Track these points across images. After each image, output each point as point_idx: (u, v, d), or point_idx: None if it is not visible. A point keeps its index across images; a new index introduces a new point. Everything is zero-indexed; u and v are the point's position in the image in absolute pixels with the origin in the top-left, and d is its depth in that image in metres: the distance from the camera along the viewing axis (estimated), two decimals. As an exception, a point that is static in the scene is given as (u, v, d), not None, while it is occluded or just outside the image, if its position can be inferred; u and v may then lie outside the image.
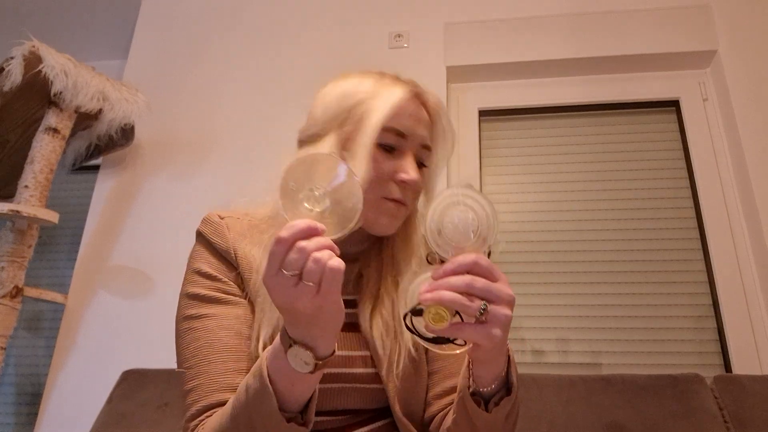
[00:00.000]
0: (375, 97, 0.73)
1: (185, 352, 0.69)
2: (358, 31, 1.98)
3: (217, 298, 0.72)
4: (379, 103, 0.72)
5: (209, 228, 0.77)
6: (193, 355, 0.68)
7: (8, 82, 1.50)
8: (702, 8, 1.80)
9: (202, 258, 0.75)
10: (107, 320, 1.70)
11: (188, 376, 0.68)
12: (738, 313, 1.54)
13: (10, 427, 1.89)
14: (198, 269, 0.74)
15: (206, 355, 0.68)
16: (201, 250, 0.76)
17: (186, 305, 0.72)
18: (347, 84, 0.78)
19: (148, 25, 2.16)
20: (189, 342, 0.69)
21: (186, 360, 0.69)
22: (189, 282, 0.74)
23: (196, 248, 0.77)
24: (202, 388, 0.66)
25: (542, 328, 1.63)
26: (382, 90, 0.75)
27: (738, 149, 1.65)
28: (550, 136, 1.86)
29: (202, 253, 0.76)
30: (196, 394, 0.66)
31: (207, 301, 0.71)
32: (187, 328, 0.71)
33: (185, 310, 0.72)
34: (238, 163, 1.86)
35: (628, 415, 1.19)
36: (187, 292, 0.73)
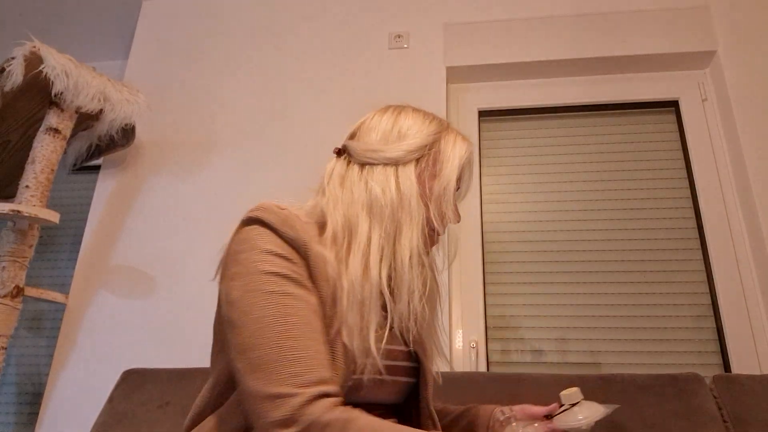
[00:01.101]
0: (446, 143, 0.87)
1: (273, 326, 0.66)
2: (358, 32, 1.98)
3: (300, 281, 0.70)
4: (450, 152, 0.86)
5: (274, 217, 0.74)
6: (289, 329, 0.66)
7: (9, 82, 1.50)
8: (701, 9, 1.81)
9: (272, 242, 0.72)
10: (108, 320, 1.71)
11: (284, 347, 0.64)
12: (737, 312, 1.55)
13: (11, 427, 1.89)
14: (270, 250, 0.71)
15: (304, 333, 0.66)
16: (268, 234, 0.73)
17: (265, 281, 0.69)
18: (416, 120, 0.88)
19: (149, 26, 2.16)
20: (277, 316, 0.66)
21: (278, 332, 0.65)
22: (261, 261, 0.70)
23: (259, 231, 0.73)
24: (309, 360, 0.64)
25: (542, 328, 1.64)
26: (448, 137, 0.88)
27: (737, 149, 1.65)
28: (549, 137, 1.86)
29: (270, 237, 0.73)
30: (302, 364, 0.64)
31: (291, 280, 0.70)
32: (273, 302, 0.67)
33: (265, 286, 0.68)
34: (239, 163, 1.86)
35: (628, 414, 1.19)
36: (263, 269, 0.69)
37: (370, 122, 0.90)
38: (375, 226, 0.78)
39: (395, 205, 0.79)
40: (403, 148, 0.84)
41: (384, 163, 0.83)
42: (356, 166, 0.84)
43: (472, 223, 1.75)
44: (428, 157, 0.85)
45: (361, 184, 0.81)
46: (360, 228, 0.77)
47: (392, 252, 0.77)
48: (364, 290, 0.73)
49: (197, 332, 1.64)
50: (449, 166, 0.85)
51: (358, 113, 2.00)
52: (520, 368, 1.60)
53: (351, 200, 0.80)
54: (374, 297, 0.73)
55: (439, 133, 0.87)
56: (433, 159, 0.85)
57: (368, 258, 0.75)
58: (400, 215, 0.79)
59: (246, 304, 0.68)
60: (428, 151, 0.85)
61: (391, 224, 0.78)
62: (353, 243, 0.76)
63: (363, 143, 0.86)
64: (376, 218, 0.78)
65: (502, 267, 1.72)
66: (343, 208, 0.79)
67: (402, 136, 0.86)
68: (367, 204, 0.79)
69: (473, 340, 1.62)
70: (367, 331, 0.71)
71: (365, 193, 0.80)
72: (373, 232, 0.77)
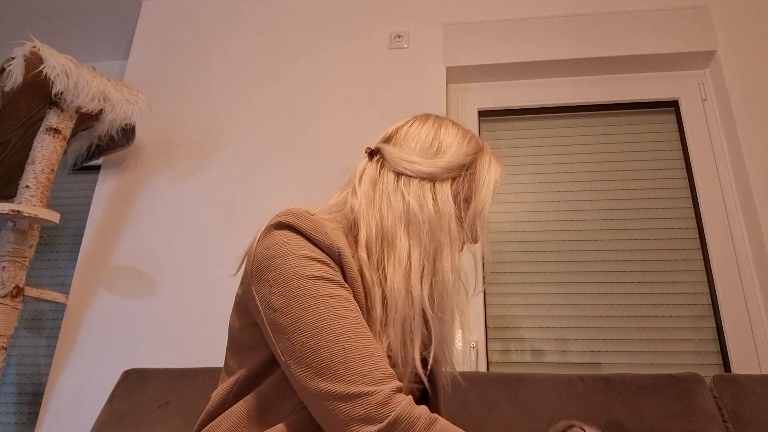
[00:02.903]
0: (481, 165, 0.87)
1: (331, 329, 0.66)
2: (358, 32, 1.98)
3: (341, 283, 0.70)
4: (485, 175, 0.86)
5: (306, 223, 0.72)
6: (347, 330, 0.66)
7: (9, 82, 1.50)
8: (701, 9, 1.81)
9: (306, 247, 0.71)
10: (108, 320, 1.71)
11: (348, 348, 0.65)
12: (737, 312, 1.55)
13: (11, 427, 1.89)
14: (306, 255, 0.70)
15: (361, 332, 0.67)
16: (300, 240, 0.71)
17: (308, 285, 0.68)
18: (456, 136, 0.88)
19: (149, 26, 2.17)
20: (333, 319, 0.66)
21: (336, 335, 0.65)
22: (300, 266, 0.69)
23: (292, 237, 0.72)
24: (374, 358, 0.65)
25: (541, 328, 1.64)
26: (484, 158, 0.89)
27: (737, 149, 1.65)
28: (549, 137, 1.86)
29: (304, 243, 0.71)
30: (370, 363, 0.65)
31: (334, 283, 0.69)
32: (324, 305, 0.67)
33: (311, 290, 0.68)
34: (239, 164, 1.86)
35: (627, 414, 1.20)
36: (305, 274, 0.68)
37: (409, 129, 0.87)
38: (414, 242, 0.77)
39: (434, 223, 0.78)
40: (441, 165, 0.82)
41: (421, 176, 0.81)
42: (391, 174, 0.82)
43: (472, 223, 1.75)
44: (464, 177, 0.84)
45: (397, 194, 0.79)
46: (399, 242, 0.76)
47: (432, 272, 0.77)
48: (407, 307, 0.73)
49: (197, 332, 1.64)
50: (485, 189, 0.85)
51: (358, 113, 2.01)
52: (520, 368, 1.60)
53: (387, 208, 0.79)
54: (418, 315, 0.74)
55: (477, 154, 0.88)
56: (469, 180, 0.85)
57: (410, 274, 0.75)
58: (439, 234, 0.78)
59: (296, 309, 0.67)
60: (465, 172, 0.85)
61: (430, 243, 0.77)
62: (391, 255, 0.76)
63: (399, 150, 0.84)
64: (414, 234, 0.77)
65: (502, 267, 1.72)
66: (378, 215, 0.78)
67: (441, 151, 0.84)
68: (405, 218, 0.78)
69: (473, 340, 1.62)
70: (412, 346, 0.72)
71: (402, 205, 0.78)
72: (413, 249, 0.76)
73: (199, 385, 1.37)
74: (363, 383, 0.63)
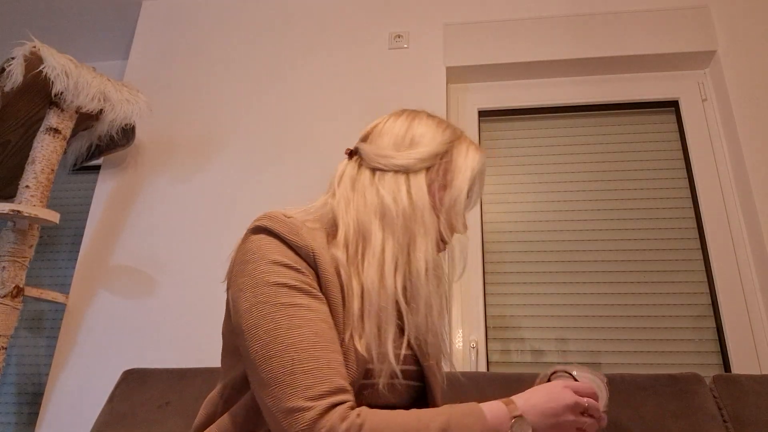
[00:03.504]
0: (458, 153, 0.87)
1: (284, 338, 0.66)
2: (358, 32, 1.98)
3: (308, 291, 0.70)
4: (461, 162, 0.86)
5: (281, 226, 0.73)
6: (299, 340, 0.65)
7: (9, 82, 1.50)
8: (701, 9, 1.81)
9: (279, 251, 0.71)
10: (108, 320, 1.71)
11: (296, 360, 0.64)
12: (737, 312, 1.55)
13: (12, 427, 1.89)
14: (277, 260, 0.70)
15: (316, 343, 0.66)
16: (275, 244, 0.72)
17: (273, 293, 0.68)
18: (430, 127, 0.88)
19: (149, 26, 2.17)
20: (288, 329, 0.66)
21: (290, 345, 0.65)
22: (268, 272, 0.70)
23: (266, 241, 0.73)
24: (322, 371, 0.64)
25: (541, 328, 1.64)
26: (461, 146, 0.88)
27: (737, 149, 1.65)
28: (549, 137, 1.86)
29: (277, 247, 0.72)
30: (314, 376, 0.64)
31: (298, 291, 0.69)
32: (282, 314, 0.67)
33: (273, 298, 0.68)
34: (239, 164, 1.86)
35: (627, 414, 1.19)
36: (271, 281, 0.69)
37: (383, 126, 0.89)
38: (388, 235, 0.78)
39: (408, 215, 0.79)
40: (414, 156, 0.83)
41: (395, 170, 0.83)
42: (367, 171, 0.84)
43: (472, 223, 1.75)
44: (439, 166, 0.84)
45: (372, 189, 0.81)
46: (373, 236, 0.77)
47: (407, 263, 0.77)
48: (381, 299, 0.73)
49: (197, 332, 1.64)
50: (461, 177, 0.84)
51: (358, 113, 2.01)
52: (520, 368, 1.60)
53: (363, 205, 0.80)
54: (391, 307, 0.74)
55: (452, 142, 0.87)
56: (444, 169, 0.85)
57: (383, 267, 0.75)
58: (413, 226, 0.79)
59: (256, 316, 0.68)
60: (439, 161, 0.84)
61: (404, 235, 0.78)
62: (367, 250, 0.77)
63: (375, 147, 0.86)
64: (388, 227, 0.78)
65: (502, 267, 1.72)
66: (355, 213, 0.80)
67: (414, 143, 0.85)
68: (380, 212, 0.79)
69: (473, 340, 1.62)
70: (386, 339, 0.72)
71: (376, 199, 0.80)
72: (386, 242, 0.77)
73: (199, 385, 1.37)
74: (302, 397, 0.62)
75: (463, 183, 0.84)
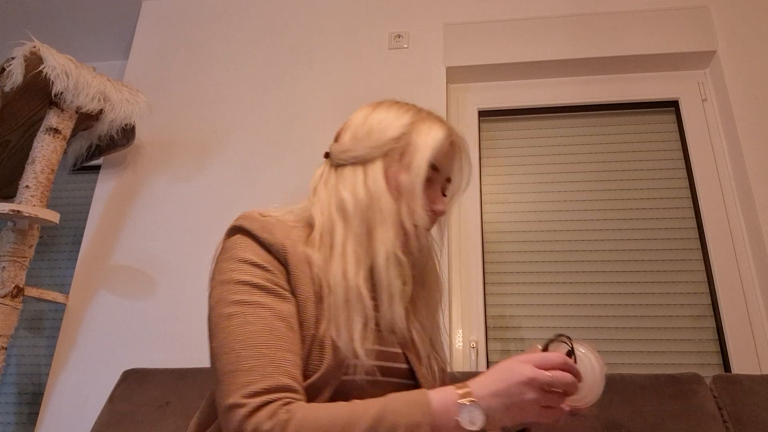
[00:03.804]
0: (417, 133, 0.82)
1: (235, 335, 0.66)
2: (358, 32, 1.98)
3: (270, 289, 0.71)
4: (422, 139, 0.82)
5: (254, 224, 0.75)
6: (248, 337, 0.66)
7: (9, 82, 1.50)
8: (700, 9, 1.81)
9: (249, 249, 0.73)
10: (108, 320, 1.71)
11: (242, 356, 0.65)
12: (737, 312, 1.55)
13: (11, 427, 1.89)
14: (245, 258, 0.72)
15: (265, 340, 0.66)
16: (247, 242, 0.74)
17: (234, 290, 0.70)
18: (388, 114, 0.86)
19: (149, 26, 2.17)
20: (241, 325, 0.67)
21: (238, 341, 0.66)
22: (235, 270, 0.71)
23: (239, 240, 0.74)
24: (264, 368, 0.64)
25: (541, 328, 1.64)
26: (422, 125, 0.83)
27: (737, 149, 1.65)
28: (549, 137, 1.86)
29: (248, 245, 0.74)
30: (255, 373, 0.63)
31: (260, 289, 0.70)
32: (238, 311, 0.68)
33: (233, 295, 0.69)
34: (239, 164, 1.86)
35: (627, 414, 1.20)
36: (235, 278, 0.71)
37: (348, 122, 0.90)
38: (348, 229, 0.78)
39: (364, 207, 0.78)
40: (368, 145, 0.82)
41: (352, 162, 0.83)
42: (334, 169, 0.85)
43: (472, 223, 1.75)
44: (396, 151, 0.82)
45: (337, 187, 0.82)
46: (336, 233, 0.78)
47: (366, 254, 0.77)
48: (345, 293, 0.73)
49: (197, 332, 1.64)
50: (419, 156, 0.80)
51: (358, 113, 1.99)
52: (520, 368, 1.60)
53: (328, 203, 0.81)
54: (354, 300, 0.73)
55: (413, 123, 0.83)
56: (401, 152, 0.82)
57: (345, 262, 0.75)
58: (370, 216, 0.78)
59: (216, 314, 0.70)
60: (395, 145, 0.82)
61: (362, 226, 0.78)
62: (334, 246, 0.77)
63: (339, 144, 0.87)
64: (348, 222, 0.78)
65: (502, 267, 1.72)
66: (325, 211, 0.81)
67: (370, 132, 0.84)
68: (340, 207, 0.80)
69: (473, 340, 1.62)
70: (351, 332, 0.71)
71: (337, 196, 0.81)
72: (347, 237, 0.77)
73: (199, 385, 1.37)
74: (240, 395, 0.62)
75: (422, 162, 0.80)
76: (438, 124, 0.85)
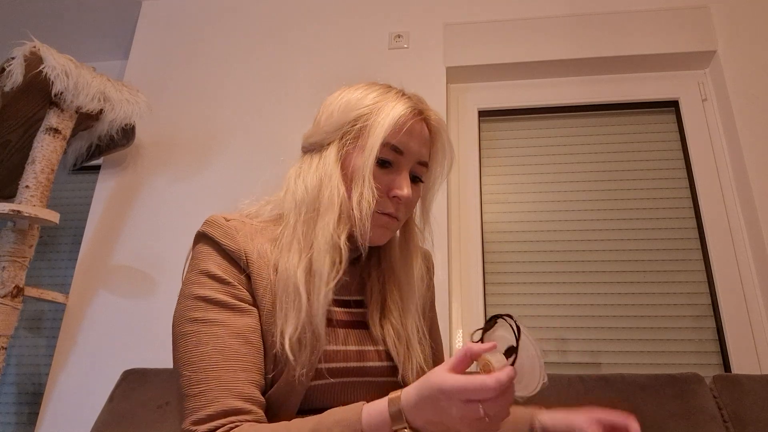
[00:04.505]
0: (377, 113, 0.75)
1: (188, 356, 0.66)
2: (358, 32, 1.98)
3: (227, 304, 0.69)
4: (380, 118, 0.74)
5: (217, 230, 0.73)
6: (200, 359, 0.65)
7: (9, 82, 1.50)
8: (700, 9, 1.81)
9: (210, 259, 0.72)
10: (108, 320, 1.71)
11: (194, 379, 0.64)
12: (737, 312, 1.55)
13: (12, 427, 1.89)
14: (206, 271, 0.71)
15: (216, 362, 0.65)
16: (209, 252, 0.72)
17: (192, 307, 0.69)
18: (352, 95, 0.80)
19: (149, 26, 2.17)
20: (194, 345, 0.66)
21: (190, 364, 0.66)
22: (195, 283, 0.70)
23: (202, 249, 0.73)
24: (212, 393, 0.63)
25: (541, 328, 1.64)
26: (384, 105, 0.76)
27: (737, 149, 1.65)
28: (549, 137, 1.86)
29: (210, 255, 0.72)
30: (204, 398, 0.63)
31: (216, 305, 0.68)
32: (193, 330, 0.67)
33: (190, 312, 0.68)
34: (239, 163, 1.86)
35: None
36: (194, 293, 0.69)
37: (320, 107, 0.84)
38: (298, 219, 0.74)
39: (312, 195, 0.73)
40: (324, 128, 0.77)
41: (309, 150, 0.80)
42: (300, 158, 0.82)
43: (472, 223, 1.75)
44: (352, 132, 0.75)
45: (294, 176, 0.79)
46: (288, 224, 0.74)
47: (308, 245, 0.71)
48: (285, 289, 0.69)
49: (197, 332, 1.64)
50: (374, 133, 0.72)
51: (358, 113, 1.98)
52: (520, 368, 1.60)
53: (286, 194, 0.78)
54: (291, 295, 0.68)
55: (375, 104, 0.76)
56: (356, 133, 0.75)
57: (289, 254, 0.71)
58: (316, 204, 0.73)
59: (175, 332, 0.70)
60: (351, 127, 0.75)
61: (308, 215, 0.73)
62: (284, 238, 0.74)
63: (307, 131, 0.83)
64: (299, 212, 0.74)
65: (502, 267, 1.72)
66: (286, 203, 0.78)
67: (331, 115, 0.78)
68: (293, 197, 0.76)
69: (473, 340, 1.62)
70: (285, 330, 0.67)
71: (291, 186, 0.78)
72: (295, 227, 0.73)
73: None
74: (189, 422, 0.63)
75: (375, 141, 0.72)
76: (402, 101, 0.76)
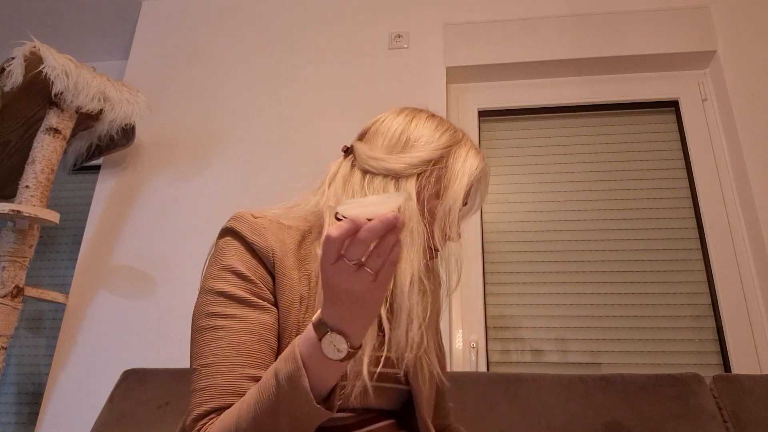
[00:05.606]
0: (454, 161, 0.80)
1: (203, 350, 0.67)
2: (358, 32, 1.98)
3: (248, 300, 0.69)
4: (461, 167, 0.80)
5: (245, 226, 0.73)
6: (212, 353, 0.66)
7: (9, 82, 1.50)
8: (701, 9, 1.81)
9: (237, 256, 0.72)
10: (108, 320, 1.71)
11: (202, 374, 0.65)
12: (737, 312, 1.55)
13: (12, 427, 1.89)
14: (230, 266, 0.71)
15: (227, 357, 0.66)
16: (234, 247, 0.73)
17: (211, 301, 0.69)
18: (423, 131, 0.82)
19: (149, 26, 2.17)
20: (209, 340, 0.67)
21: (202, 357, 0.66)
22: (217, 278, 0.71)
23: (227, 244, 0.73)
24: (217, 388, 0.64)
25: (541, 328, 1.64)
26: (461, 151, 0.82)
27: (737, 149, 1.65)
28: (549, 137, 1.86)
29: (237, 250, 0.72)
30: (208, 393, 0.64)
31: (236, 301, 0.69)
32: (210, 325, 0.68)
33: (209, 307, 0.69)
34: (239, 163, 1.86)
35: (627, 414, 1.20)
36: (215, 288, 0.70)
37: (381, 125, 0.84)
38: None
39: None
40: (405, 161, 0.78)
41: (384, 174, 0.78)
42: (359, 172, 0.79)
43: (472, 223, 1.75)
44: (431, 173, 0.79)
45: (362, 193, 0.77)
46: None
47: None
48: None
49: (197, 332, 1.64)
50: (456, 184, 0.78)
51: (358, 113, 2.01)
52: (520, 368, 1.60)
53: None
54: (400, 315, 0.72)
55: (450, 147, 0.81)
56: (437, 176, 0.79)
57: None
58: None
59: (194, 325, 0.70)
60: (432, 167, 0.79)
61: None
62: None
63: (368, 147, 0.81)
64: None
65: (502, 267, 1.72)
66: None
67: (407, 146, 0.80)
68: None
69: (473, 340, 1.62)
70: (362, 355, 0.67)
71: None
72: None
73: (199, 385, 1.37)
74: (192, 417, 0.64)
75: (459, 191, 0.78)
76: (474, 151, 0.83)
